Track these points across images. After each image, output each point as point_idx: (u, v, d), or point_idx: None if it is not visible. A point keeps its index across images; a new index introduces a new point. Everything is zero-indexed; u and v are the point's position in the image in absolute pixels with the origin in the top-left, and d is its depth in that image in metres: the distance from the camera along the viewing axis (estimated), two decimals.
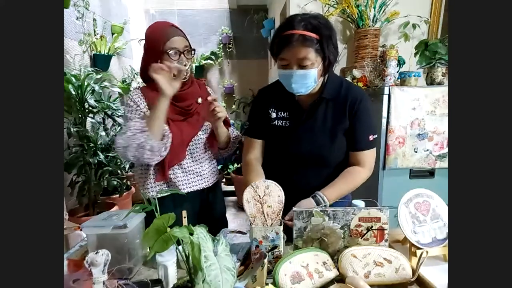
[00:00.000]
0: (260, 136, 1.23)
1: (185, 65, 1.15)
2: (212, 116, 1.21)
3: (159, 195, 0.88)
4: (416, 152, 1.87)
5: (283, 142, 1.16)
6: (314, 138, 1.13)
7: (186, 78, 1.18)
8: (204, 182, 1.31)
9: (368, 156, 1.15)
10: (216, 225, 1.34)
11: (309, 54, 1.00)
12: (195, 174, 1.28)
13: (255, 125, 1.23)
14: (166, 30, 1.16)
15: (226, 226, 1.44)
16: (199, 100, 1.27)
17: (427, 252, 0.90)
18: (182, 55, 1.16)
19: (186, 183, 1.26)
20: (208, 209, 1.35)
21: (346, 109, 1.11)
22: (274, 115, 1.18)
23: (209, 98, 1.19)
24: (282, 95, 1.15)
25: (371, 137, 1.14)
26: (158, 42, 1.14)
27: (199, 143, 1.28)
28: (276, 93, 1.18)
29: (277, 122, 1.17)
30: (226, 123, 1.34)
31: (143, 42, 1.23)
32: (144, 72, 1.21)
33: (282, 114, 1.17)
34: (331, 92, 1.12)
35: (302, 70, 1.02)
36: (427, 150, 1.87)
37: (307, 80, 1.04)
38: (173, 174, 1.24)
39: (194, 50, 1.21)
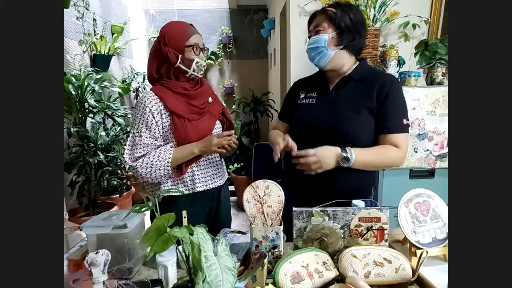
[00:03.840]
0: (286, 119, 1.32)
1: (204, 61, 1.25)
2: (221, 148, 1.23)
3: (164, 194, 0.90)
4: (416, 152, 1.87)
5: (306, 117, 1.20)
6: (336, 112, 1.14)
7: (202, 74, 1.26)
8: (219, 180, 1.33)
9: (403, 140, 1.12)
10: (225, 223, 1.38)
11: (322, 22, 1.14)
12: (211, 172, 1.30)
13: (284, 109, 1.35)
14: (188, 27, 1.22)
15: (230, 222, 1.47)
16: (210, 99, 1.30)
17: (427, 252, 0.90)
18: (201, 52, 1.23)
19: (203, 181, 1.28)
20: (219, 207, 1.37)
21: (374, 89, 1.13)
22: (303, 95, 1.26)
23: (224, 133, 1.22)
24: (314, 79, 1.28)
25: (405, 121, 1.12)
26: (181, 37, 1.19)
27: None
28: (310, 79, 1.30)
29: (305, 101, 1.24)
30: (231, 130, 1.37)
31: (153, 41, 1.26)
32: (157, 71, 1.23)
33: (311, 94, 1.24)
34: (360, 73, 1.17)
35: (315, 35, 1.15)
36: (427, 150, 1.87)
37: (318, 43, 1.13)
38: (191, 173, 1.26)
39: (208, 49, 1.28)
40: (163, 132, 1.20)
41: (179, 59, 1.18)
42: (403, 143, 1.11)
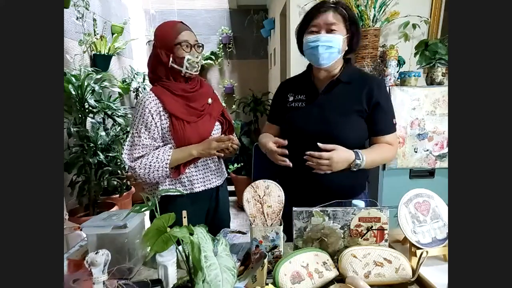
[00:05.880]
0: (277, 121, 1.30)
1: (196, 57, 1.21)
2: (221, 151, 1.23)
3: (162, 194, 0.89)
4: (416, 152, 1.87)
5: (296, 121, 1.19)
6: (326, 116, 1.14)
7: (197, 71, 1.23)
8: (217, 180, 1.33)
9: (394, 138, 1.19)
10: (224, 222, 1.38)
11: (339, 21, 1.08)
12: (209, 173, 1.30)
13: (273, 111, 1.33)
14: (176, 25, 1.20)
15: (229, 224, 1.47)
16: (210, 100, 1.29)
17: (427, 252, 0.90)
18: (193, 48, 1.20)
19: (201, 182, 1.28)
20: (218, 207, 1.37)
21: (362, 93, 1.13)
22: (291, 98, 1.24)
23: (224, 137, 1.21)
24: (301, 81, 1.25)
25: (394, 121, 1.19)
26: (169, 36, 1.18)
27: None
28: (296, 81, 1.28)
29: (294, 104, 1.22)
30: (231, 131, 1.37)
31: (152, 42, 1.25)
32: (153, 72, 1.24)
33: (299, 97, 1.22)
34: (348, 75, 1.17)
35: (329, 34, 1.08)
36: (427, 150, 1.87)
37: (333, 43, 1.08)
38: (189, 173, 1.25)
39: (202, 45, 1.25)
40: (162, 134, 1.20)
41: (171, 59, 1.17)
42: (395, 141, 1.20)
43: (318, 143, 1.05)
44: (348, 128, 1.12)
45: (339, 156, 1.05)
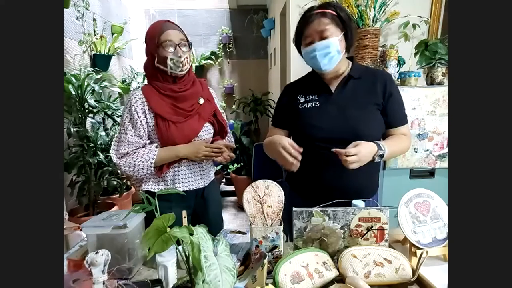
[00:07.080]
0: (284, 125, 1.26)
1: (179, 56, 1.17)
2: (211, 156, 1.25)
3: (158, 193, 0.89)
4: (416, 152, 1.87)
5: (314, 122, 1.15)
6: (344, 112, 1.13)
7: (183, 70, 1.20)
8: (202, 181, 1.32)
9: (408, 129, 1.22)
10: (211, 225, 1.36)
11: (328, 25, 1.07)
12: (193, 173, 1.30)
13: (280, 115, 1.27)
14: (161, 24, 1.19)
15: (222, 226, 1.45)
16: (201, 100, 1.27)
17: (427, 252, 0.90)
18: (177, 47, 1.17)
19: (183, 182, 1.28)
20: (203, 209, 1.35)
21: (376, 86, 1.15)
22: (302, 100, 1.20)
23: (214, 145, 1.23)
24: (309, 82, 1.22)
25: (405, 111, 1.22)
26: (153, 36, 1.17)
27: None
28: (303, 82, 1.25)
29: (307, 105, 1.19)
30: (224, 132, 1.36)
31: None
32: (146, 72, 1.26)
33: (311, 97, 1.19)
34: (358, 71, 1.18)
35: (324, 41, 1.07)
36: (427, 150, 1.87)
37: (330, 48, 1.07)
38: (173, 173, 1.26)
39: (190, 44, 1.21)
40: (148, 132, 1.21)
41: (156, 59, 1.18)
42: (408, 131, 1.22)
43: (333, 150, 1.02)
44: (367, 122, 1.12)
45: (364, 149, 1.01)
